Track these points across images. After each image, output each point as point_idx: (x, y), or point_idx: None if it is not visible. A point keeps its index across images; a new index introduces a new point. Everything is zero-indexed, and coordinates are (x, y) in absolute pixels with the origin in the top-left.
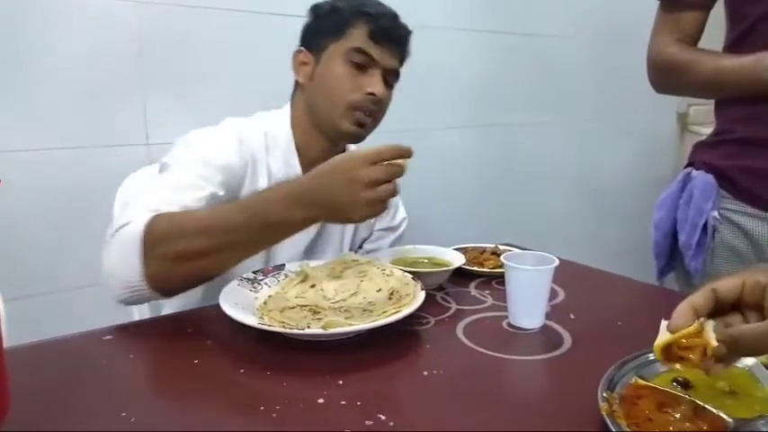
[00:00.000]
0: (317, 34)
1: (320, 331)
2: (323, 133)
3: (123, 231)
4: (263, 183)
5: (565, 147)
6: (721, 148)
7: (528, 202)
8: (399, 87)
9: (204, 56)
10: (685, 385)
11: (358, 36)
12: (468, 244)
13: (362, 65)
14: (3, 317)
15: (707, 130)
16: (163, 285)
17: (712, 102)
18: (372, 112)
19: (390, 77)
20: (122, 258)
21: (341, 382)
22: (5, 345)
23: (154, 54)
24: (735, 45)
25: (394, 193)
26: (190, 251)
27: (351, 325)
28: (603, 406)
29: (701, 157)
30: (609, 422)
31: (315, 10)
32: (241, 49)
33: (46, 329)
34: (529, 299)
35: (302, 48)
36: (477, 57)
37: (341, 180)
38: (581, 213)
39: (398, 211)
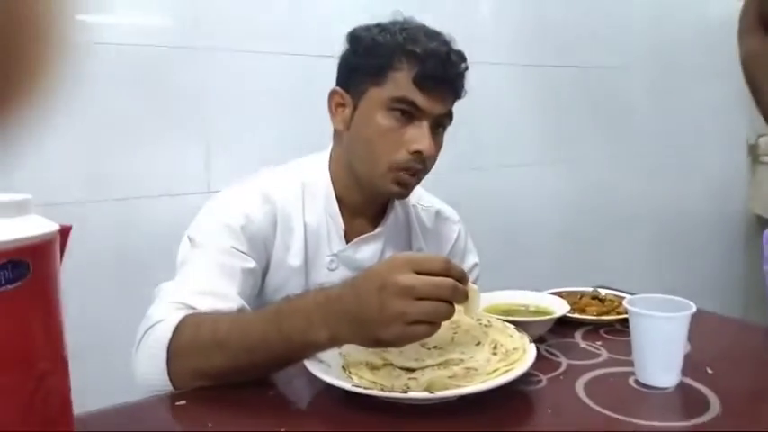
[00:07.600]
0: (356, 73)
1: (425, 395)
2: (363, 189)
3: (153, 334)
4: (297, 241)
5: (633, 183)
6: None
7: (598, 241)
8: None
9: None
10: None
11: (401, 81)
12: (562, 288)
13: (407, 114)
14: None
15: None
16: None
17: None
18: (418, 171)
19: (442, 121)
20: (151, 366)
21: None
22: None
23: None
24: None
25: (439, 317)
26: (208, 369)
27: (458, 386)
28: None
29: None
30: None
31: (353, 42)
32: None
33: None
34: (663, 352)
35: (338, 87)
36: (537, 91)
37: (371, 286)
38: (651, 251)
39: (468, 256)
